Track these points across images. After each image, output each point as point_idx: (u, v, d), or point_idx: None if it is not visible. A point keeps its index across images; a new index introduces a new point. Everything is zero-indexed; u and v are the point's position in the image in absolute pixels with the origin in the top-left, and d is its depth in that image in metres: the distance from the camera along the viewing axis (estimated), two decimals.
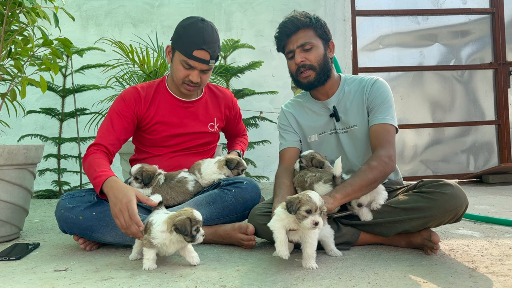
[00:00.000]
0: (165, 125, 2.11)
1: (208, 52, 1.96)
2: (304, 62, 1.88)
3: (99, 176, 1.76)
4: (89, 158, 1.88)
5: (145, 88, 2.12)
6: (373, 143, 1.84)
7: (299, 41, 1.88)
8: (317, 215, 1.41)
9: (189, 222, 1.48)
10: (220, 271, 1.48)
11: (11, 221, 2.11)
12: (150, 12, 4.71)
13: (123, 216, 1.60)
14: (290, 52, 1.92)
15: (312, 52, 1.88)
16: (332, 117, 1.96)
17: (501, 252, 1.67)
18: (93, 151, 1.91)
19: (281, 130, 2.07)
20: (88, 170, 1.85)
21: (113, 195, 1.66)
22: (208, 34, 1.96)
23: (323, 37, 1.91)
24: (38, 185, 4.19)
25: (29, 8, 2.07)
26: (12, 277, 1.50)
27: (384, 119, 1.84)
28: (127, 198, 1.62)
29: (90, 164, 1.85)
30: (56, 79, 4.09)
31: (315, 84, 1.93)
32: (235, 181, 1.97)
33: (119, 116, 2.03)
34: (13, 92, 2.29)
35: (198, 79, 2.01)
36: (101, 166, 1.82)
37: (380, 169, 1.71)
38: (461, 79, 4.86)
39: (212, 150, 2.31)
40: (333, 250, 1.65)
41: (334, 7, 4.80)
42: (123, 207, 1.60)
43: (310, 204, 1.41)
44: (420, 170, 4.82)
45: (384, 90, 1.90)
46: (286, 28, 1.90)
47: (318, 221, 1.40)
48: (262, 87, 4.48)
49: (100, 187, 1.74)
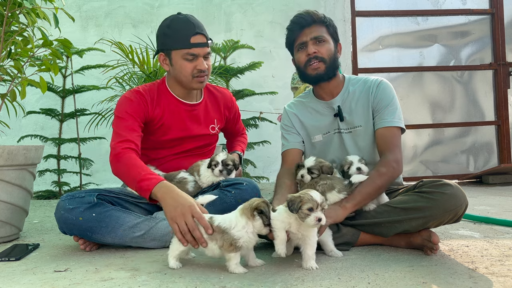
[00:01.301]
0: (169, 128, 2.10)
1: (203, 35, 2.00)
2: (316, 54, 1.90)
3: (148, 179, 1.71)
4: (124, 159, 1.82)
5: (148, 91, 2.08)
6: (380, 147, 1.86)
7: (313, 34, 1.91)
8: (319, 212, 1.43)
9: (266, 206, 1.46)
10: (220, 271, 1.48)
11: (11, 222, 2.11)
12: (150, 12, 4.71)
13: (185, 220, 1.53)
14: (302, 44, 1.93)
15: (325, 46, 1.91)
16: (336, 117, 1.96)
17: (501, 252, 1.67)
18: (126, 151, 1.84)
19: (284, 131, 2.08)
20: (128, 172, 1.79)
21: (172, 198, 1.61)
22: (193, 20, 2.01)
23: (333, 36, 1.95)
24: (38, 185, 4.19)
25: (29, 8, 2.07)
26: (12, 278, 1.50)
27: (391, 122, 1.87)
28: (189, 201, 1.58)
29: (129, 166, 1.80)
30: (56, 79, 4.09)
31: (323, 77, 1.93)
32: (235, 182, 1.97)
33: (132, 117, 1.96)
34: (13, 93, 2.29)
35: (205, 65, 2.02)
36: (145, 169, 1.78)
37: (389, 175, 1.76)
38: (461, 79, 4.87)
39: (211, 151, 2.31)
40: (333, 251, 1.65)
41: (334, 7, 4.80)
42: (186, 210, 1.54)
43: (312, 202, 1.42)
44: (420, 171, 4.82)
45: (389, 91, 1.93)
46: (302, 19, 1.92)
47: (321, 217, 1.42)
48: (262, 88, 4.48)
49: (150, 191, 1.69)
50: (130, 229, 1.82)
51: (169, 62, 2.04)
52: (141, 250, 1.84)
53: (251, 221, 1.45)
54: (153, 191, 1.68)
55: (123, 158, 1.82)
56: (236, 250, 1.45)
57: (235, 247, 1.44)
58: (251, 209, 1.45)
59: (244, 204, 1.50)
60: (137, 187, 1.74)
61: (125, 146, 1.86)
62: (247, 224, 1.45)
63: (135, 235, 1.82)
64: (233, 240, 1.43)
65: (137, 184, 1.73)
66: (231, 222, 1.46)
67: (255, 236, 1.48)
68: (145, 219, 1.87)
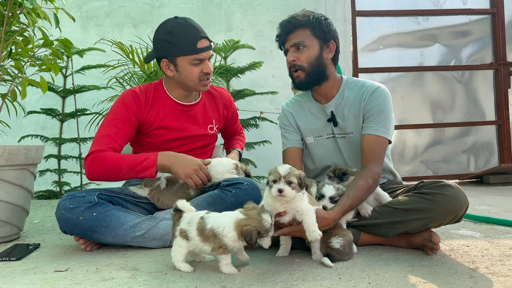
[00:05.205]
0: (166, 129, 2.11)
1: (206, 38, 2.03)
2: (295, 62, 1.88)
3: (146, 158, 1.89)
4: (107, 157, 1.89)
5: (143, 91, 2.09)
6: (365, 154, 1.81)
7: (293, 40, 1.87)
8: (282, 183, 1.46)
9: (256, 233, 1.43)
10: (220, 272, 1.48)
11: (12, 222, 2.11)
12: (150, 12, 4.71)
13: (197, 174, 1.89)
14: (285, 51, 1.93)
15: (304, 53, 1.86)
16: (330, 122, 1.95)
17: (502, 252, 1.67)
18: (104, 152, 1.91)
19: (282, 129, 2.07)
20: (119, 165, 1.88)
21: (180, 161, 1.90)
22: (194, 24, 2.02)
23: (320, 37, 1.87)
24: (38, 185, 4.19)
25: (29, 8, 2.07)
26: (12, 278, 1.50)
27: (377, 131, 1.81)
28: (196, 160, 1.93)
29: (116, 159, 1.89)
30: (57, 79, 4.09)
31: (305, 84, 1.92)
32: (235, 182, 1.97)
33: (121, 122, 2.00)
34: (14, 93, 2.29)
35: (211, 68, 2.06)
36: (135, 155, 1.93)
37: (373, 188, 1.75)
38: (462, 79, 4.86)
39: (210, 151, 2.31)
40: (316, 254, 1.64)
41: (334, 7, 4.80)
42: (196, 167, 1.90)
43: (275, 174, 1.48)
44: (420, 171, 4.81)
45: (383, 100, 1.85)
46: (283, 27, 1.91)
47: (282, 188, 1.45)
48: (262, 88, 4.47)
49: (155, 165, 1.88)
50: (131, 229, 1.82)
51: (174, 68, 2.04)
52: (142, 250, 1.84)
53: (241, 240, 1.44)
54: (158, 162, 1.88)
55: (104, 157, 1.90)
56: (226, 253, 1.46)
57: (225, 250, 1.45)
58: (240, 231, 1.43)
59: (239, 220, 1.45)
60: (138, 170, 1.86)
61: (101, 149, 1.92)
62: (238, 239, 1.44)
63: (136, 234, 1.82)
64: (224, 245, 1.44)
65: (137, 167, 1.85)
66: (224, 230, 1.44)
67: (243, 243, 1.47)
68: (145, 219, 1.87)
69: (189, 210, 1.56)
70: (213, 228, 1.45)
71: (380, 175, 1.78)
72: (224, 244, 1.44)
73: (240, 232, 1.43)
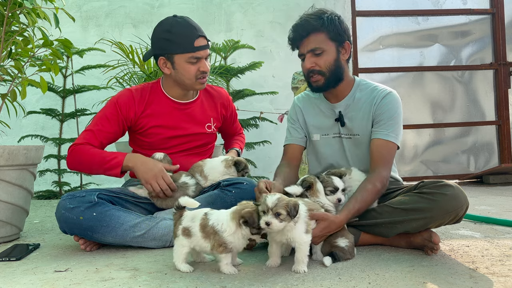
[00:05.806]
0: (162, 128, 2.11)
1: (204, 37, 2.04)
2: (314, 68, 1.86)
3: (115, 156, 1.94)
4: (84, 150, 1.96)
5: (139, 91, 2.11)
6: (374, 158, 1.82)
7: (309, 46, 1.84)
8: (269, 216, 1.38)
9: (257, 214, 1.42)
10: (220, 272, 1.48)
11: (12, 222, 2.11)
12: (150, 12, 4.71)
13: (157, 182, 1.89)
14: (301, 55, 1.90)
15: (323, 57, 1.84)
16: (337, 122, 1.95)
17: (502, 252, 1.67)
18: (84, 145, 1.97)
19: (289, 123, 2.08)
20: (91, 159, 1.94)
21: (142, 165, 1.92)
22: (193, 22, 2.04)
23: (336, 39, 1.85)
24: (38, 185, 4.19)
25: (29, 8, 2.07)
26: (12, 278, 1.50)
27: (387, 136, 1.83)
28: (158, 166, 1.92)
29: (91, 154, 1.94)
30: (57, 79, 4.08)
31: (324, 88, 1.91)
32: (235, 182, 1.97)
33: (107, 121, 2.04)
34: (14, 93, 2.29)
35: (208, 67, 2.06)
36: (108, 152, 1.97)
37: (381, 192, 1.77)
38: (462, 79, 4.86)
39: (210, 151, 2.31)
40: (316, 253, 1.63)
41: (334, 7, 4.79)
42: (158, 173, 1.89)
43: (263, 206, 1.41)
44: (420, 171, 4.81)
45: (394, 105, 1.86)
46: (297, 33, 1.87)
47: (269, 222, 1.38)
48: (262, 88, 4.47)
49: (121, 165, 1.92)
50: (131, 229, 1.82)
51: (171, 66, 2.05)
52: (142, 250, 1.84)
53: (240, 229, 1.43)
54: (124, 163, 1.92)
55: (81, 151, 1.96)
56: (226, 252, 1.45)
57: (225, 248, 1.44)
58: (238, 217, 1.43)
59: (235, 208, 1.47)
60: (106, 168, 1.91)
61: (80, 142, 1.99)
62: (237, 230, 1.43)
63: (136, 234, 1.82)
64: (224, 243, 1.43)
65: (105, 165, 1.91)
66: (223, 225, 1.44)
67: (246, 241, 1.47)
68: (145, 219, 1.87)
69: (193, 204, 1.54)
70: (214, 224, 1.46)
71: (388, 179, 1.79)
72: (224, 241, 1.43)
73: (239, 218, 1.42)
